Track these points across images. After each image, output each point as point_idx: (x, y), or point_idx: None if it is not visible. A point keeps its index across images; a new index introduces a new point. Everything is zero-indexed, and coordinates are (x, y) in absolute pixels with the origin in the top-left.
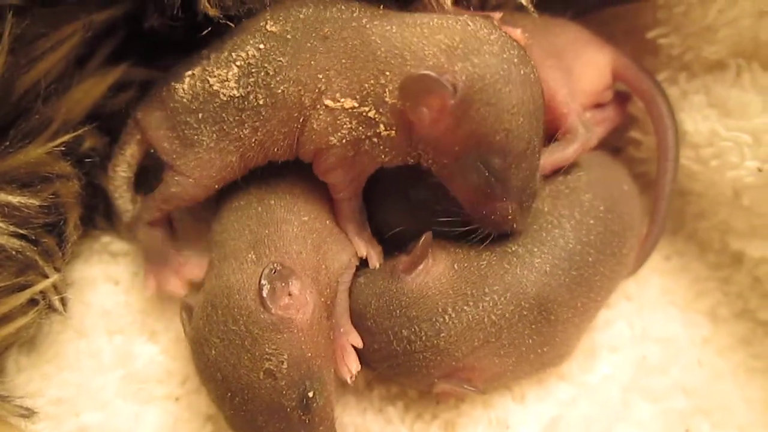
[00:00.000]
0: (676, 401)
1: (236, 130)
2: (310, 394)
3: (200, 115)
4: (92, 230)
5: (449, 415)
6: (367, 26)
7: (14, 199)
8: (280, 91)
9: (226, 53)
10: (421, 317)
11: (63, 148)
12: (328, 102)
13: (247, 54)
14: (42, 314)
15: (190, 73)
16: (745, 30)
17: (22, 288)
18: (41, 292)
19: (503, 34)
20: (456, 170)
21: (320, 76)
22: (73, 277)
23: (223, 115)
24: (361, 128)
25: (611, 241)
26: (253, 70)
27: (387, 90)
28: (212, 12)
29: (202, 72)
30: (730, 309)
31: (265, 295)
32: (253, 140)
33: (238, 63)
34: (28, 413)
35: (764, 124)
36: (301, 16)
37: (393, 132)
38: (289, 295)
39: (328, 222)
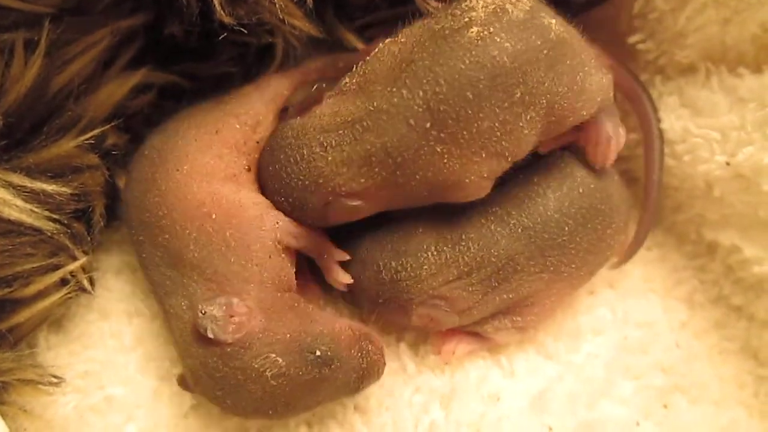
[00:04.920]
0: (655, 379)
1: None
2: (318, 353)
3: None
4: (113, 222)
5: (446, 390)
6: None
7: (49, 187)
8: None
9: None
10: (409, 252)
11: (92, 142)
12: None
13: None
14: (72, 293)
15: None
16: (713, 36)
17: (55, 268)
18: (71, 273)
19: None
20: None
21: None
22: (95, 265)
23: None
24: None
25: (595, 217)
26: None
27: None
28: (227, 20)
29: None
30: (706, 295)
31: (214, 337)
32: None
33: None
34: (57, 381)
35: (731, 122)
36: None
37: None
38: (231, 316)
39: (210, 228)
